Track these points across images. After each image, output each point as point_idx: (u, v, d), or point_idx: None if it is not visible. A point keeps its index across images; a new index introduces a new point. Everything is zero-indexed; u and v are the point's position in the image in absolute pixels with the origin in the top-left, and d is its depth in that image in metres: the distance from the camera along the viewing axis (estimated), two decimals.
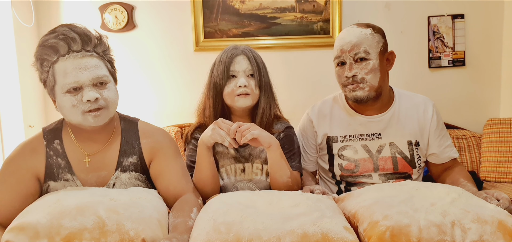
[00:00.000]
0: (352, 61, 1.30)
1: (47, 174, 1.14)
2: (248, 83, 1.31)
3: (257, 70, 1.33)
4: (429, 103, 1.41)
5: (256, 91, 1.33)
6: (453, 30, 2.49)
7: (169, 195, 1.17)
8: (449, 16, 2.48)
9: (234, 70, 1.31)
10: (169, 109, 2.50)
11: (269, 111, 1.36)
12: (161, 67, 2.49)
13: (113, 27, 2.42)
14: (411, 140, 1.37)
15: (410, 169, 1.38)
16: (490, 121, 2.38)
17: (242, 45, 1.37)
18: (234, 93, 1.31)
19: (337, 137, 1.40)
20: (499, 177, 2.22)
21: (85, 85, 1.06)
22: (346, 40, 1.31)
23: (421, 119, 1.39)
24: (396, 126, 1.37)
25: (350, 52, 1.30)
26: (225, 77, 1.31)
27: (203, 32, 2.44)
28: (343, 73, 1.32)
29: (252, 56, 1.33)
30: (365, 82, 1.29)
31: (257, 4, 2.43)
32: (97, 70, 1.08)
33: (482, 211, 0.92)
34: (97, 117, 1.09)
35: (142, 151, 1.21)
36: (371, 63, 1.29)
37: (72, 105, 1.07)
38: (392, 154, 1.36)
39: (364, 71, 1.29)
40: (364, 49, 1.28)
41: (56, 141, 1.16)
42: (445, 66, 2.52)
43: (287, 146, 1.36)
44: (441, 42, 2.50)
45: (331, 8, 2.44)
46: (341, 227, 0.90)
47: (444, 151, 1.40)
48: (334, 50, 1.36)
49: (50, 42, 1.06)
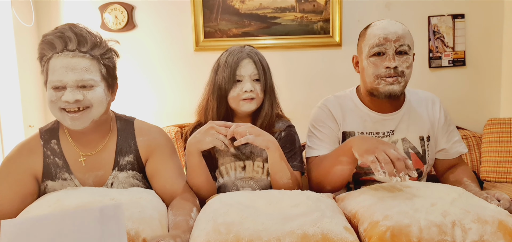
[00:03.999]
0: (394, 53, 1.25)
1: (44, 173, 1.14)
2: (254, 88, 1.30)
3: (263, 75, 1.32)
4: (435, 99, 1.41)
5: (261, 96, 1.33)
6: (454, 30, 2.49)
7: (165, 194, 1.17)
8: (450, 16, 2.48)
9: (240, 74, 1.30)
10: (169, 109, 2.50)
11: (270, 113, 1.36)
12: (161, 67, 2.49)
13: (113, 27, 2.42)
14: (423, 135, 1.36)
15: (422, 165, 1.37)
16: (491, 120, 2.38)
17: (247, 47, 1.35)
18: (239, 97, 1.31)
19: (354, 133, 1.36)
20: (499, 177, 2.22)
21: (68, 85, 1.06)
22: (391, 30, 1.26)
23: (431, 114, 1.38)
24: (408, 122, 1.36)
25: (395, 42, 1.25)
26: (231, 81, 1.30)
27: (203, 32, 2.44)
28: (382, 63, 1.26)
29: (258, 60, 1.32)
30: (404, 77, 1.27)
31: (257, 4, 2.43)
32: (84, 73, 1.07)
33: (483, 211, 0.91)
34: (75, 120, 1.08)
35: (138, 149, 1.21)
36: (410, 59, 1.27)
37: (50, 100, 1.08)
38: (405, 149, 1.35)
39: (405, 64, 1.26)
40: (408, 43, 1.26)
41: (53, 140, 1.16)
42: (446, 66, 2.52)
43: (289, 144, 1.36)
44: (441, 42, 2.50)
45: (331, 8, 2.44)
46: (341, 227, 0.90)
47: (453, 146, 1.39)
48: (369, 39, 1.29)
49: (48, 38, 1.07)
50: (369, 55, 1.29)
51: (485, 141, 2.33)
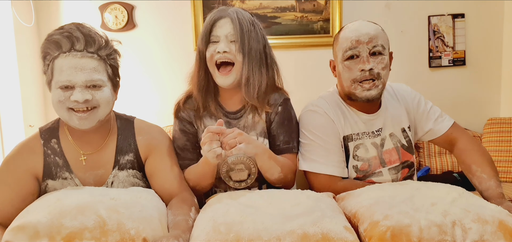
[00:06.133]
0: (368, 54, 1.22)
1: (45, 172, 1.14)
2: (230, 49, 1.18)
3: (239, 34, 1.18)
4: (402, 87, 1.41)
5: (239, 59, 1.19)
6: (454, 29, 2.49)
7: (164, 193, 1.17)
8: (450, 15, 2.48)
9: (216, 35, 1.19)
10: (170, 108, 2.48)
11: (259, 81, 1.23)
12: (161, 67, 2.49)
13: (113, 26, 2.42)
14: (403, 126, 1.35)
15: (410, 156, 1.36)
16: (490, 120, 2.38)
17: (232, 7, 1.24)
18: (213, 59, 1.20)
19: (352, 135, 1.31)
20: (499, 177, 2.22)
21: (77, 85, 1.06)
22: (363, 31, 1.22)
23: (403, 103, 1.37)
24: (390, 117, 1.34)
25: (368, 43, 1.21)
26: (205, 41, 1.20)
27: None
28: (356, 66, 1.22)
29: (236, 18, 1.19)
30: (380, 79, 1.23)
31: (257, 3, 2.43)
32: (93, 73, 1.08)
33: (483, 210, 0.91)
34: (83, 120, 1.08)
35: (138, 148, 1.21)
36: (386, 59, 1.24)
37: (58, 100, 1.07)
38: (395, 144, 1.33)
39: (381, 65, 1.22)
40: (381, 43, 1.23)
41: (53, 139, 1.16)
42: (446, 65, 2.52)
43: (287, 122, 1.29)
44: (441, 41, 2.50)
45: (331, 8, 2.44)
46: (341, 227, 0.90)
47: (437, 123, 1.35)
48: (342, 42, 1.25)
49: (55, 37, 1.07)
50: (343, 59, 1.25)
51: (485, 141, 2.33)
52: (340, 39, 1.28)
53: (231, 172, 1.30)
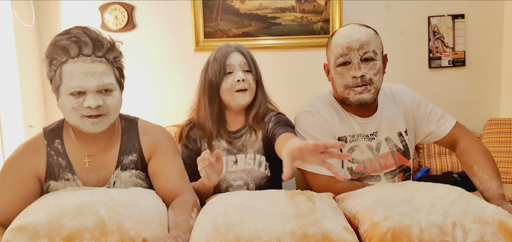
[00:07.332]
0: (360, 61, 1.23)
1: (48, 173, 1.14)
2: (246, 78, 1.32)
3: (253, 66, 1.35)
4: (402, 88, 1.39)
5: (253, 86, 1.35)
6: (453, 30, 2.49)
7: (166, 193, 1.17)
8: (449, 16, 2.48)
9: (230, 65, 1.32)
10: (169, 109, 2.50)
11: (264, 104, 1.39)
12: (161, 67, 2.49)
13: (113, 27, 2.42)
14: (400, 130, 1.34)
15: (406, 161, 1.35)
16: (490, 121, 2.38)
17: (234, 43, 1.38)
18: (233, 89, 1.32)
19: (346, 137, 1.31)
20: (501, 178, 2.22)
21: (89, 91, 1.07)
22: (354, 37, 1.22)
23: (401, 106, 1.35)
24: (386, 121, 1.33)
25: (359, 50, 1.22)
26: (221, 73, 1.32)
27: (203, 32, 2.44)
28: (348, 72, 1.23)
29: (246, 52, 1.36)
30: (372, 84, 1.23)
31: (257, 4, 2.43)
32: (104, 77, 1.08)
33: (483, 211, 0.91)
34: (96, 124, 1.10)
35: (142, 148, 1.21)
36: (378, 64, 1.24)
37: (72, 107, 1.07)
38: (390, 149, 1.33)
39: (373, 71, 1.23)
40: (373, 49, 1.23)
41: (57, 140, 1.16)
42: (445, 66, 2.52)
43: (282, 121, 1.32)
44: (441, 42, 2.50)
45: (331, 8, 2.44)
46: (341, 227, 0.90)
47: (439, 124, 1.34)
48: (334, 48, 1.26)
49: (62, 43, 1.06)
50: (335, 65, 1.26)
51: (485, 141, 2.33)
52: (332, 44, 1.29)
53: (230, 188, 1.37)
